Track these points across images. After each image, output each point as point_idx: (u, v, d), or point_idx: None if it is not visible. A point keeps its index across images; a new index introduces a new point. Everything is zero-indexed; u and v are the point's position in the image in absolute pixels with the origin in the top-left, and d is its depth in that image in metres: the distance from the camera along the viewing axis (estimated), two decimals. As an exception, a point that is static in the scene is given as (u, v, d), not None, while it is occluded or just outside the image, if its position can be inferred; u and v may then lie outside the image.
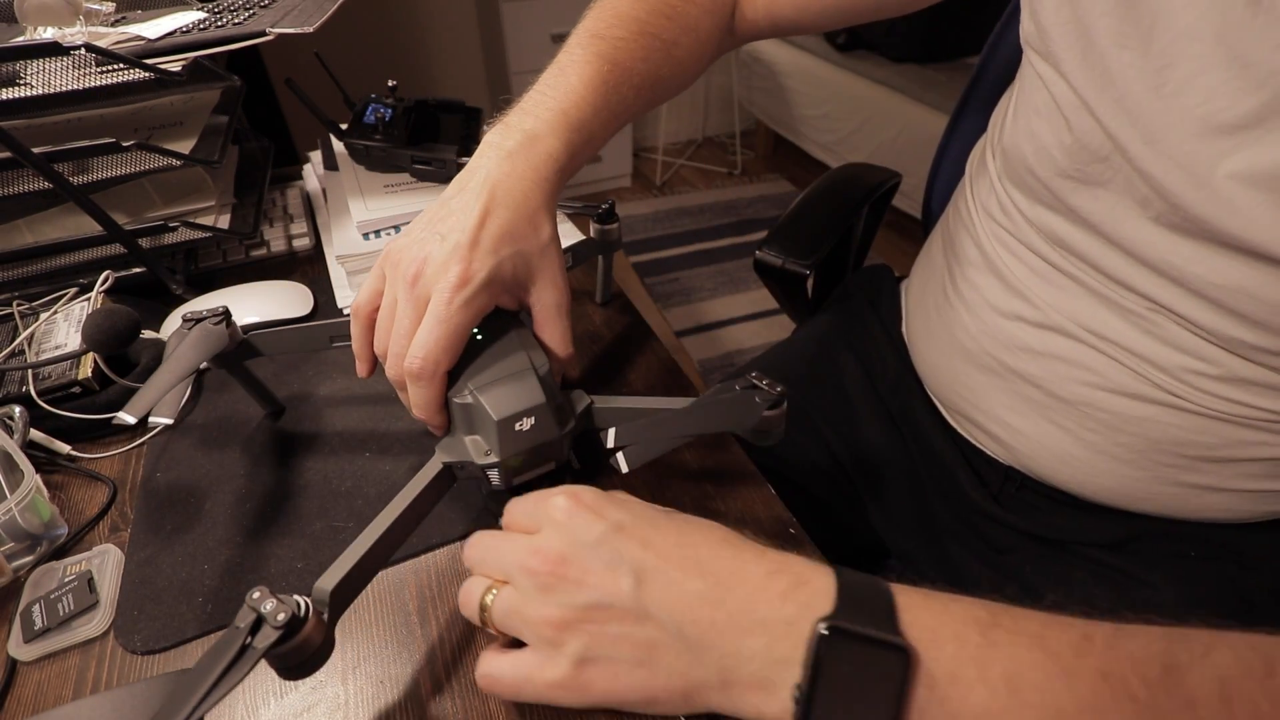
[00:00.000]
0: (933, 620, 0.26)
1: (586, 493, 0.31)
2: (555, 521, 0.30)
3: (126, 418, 0.35)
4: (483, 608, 0.30)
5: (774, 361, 0.70)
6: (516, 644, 0.30)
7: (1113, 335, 0.42)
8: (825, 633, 0.25)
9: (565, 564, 0.28)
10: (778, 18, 0.55)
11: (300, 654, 0.27)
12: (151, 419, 0.36)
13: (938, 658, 0.25)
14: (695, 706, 0.27)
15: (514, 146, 0.38)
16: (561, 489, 0.32)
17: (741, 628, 0.26)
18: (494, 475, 0.36)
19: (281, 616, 0.26)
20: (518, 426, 0.34)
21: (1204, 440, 0.42)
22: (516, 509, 0.33)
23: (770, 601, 0.27)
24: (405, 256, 0.36)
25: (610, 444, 0.34)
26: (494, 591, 0.30)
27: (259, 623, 0.26)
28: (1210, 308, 0.38)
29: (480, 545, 0.32)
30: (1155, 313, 0.40)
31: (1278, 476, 0.43)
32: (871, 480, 0.61)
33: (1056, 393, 0.46)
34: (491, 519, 0.40)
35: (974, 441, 0.54)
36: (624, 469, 0.34)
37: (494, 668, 0.29)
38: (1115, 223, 0.40)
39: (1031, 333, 0.46)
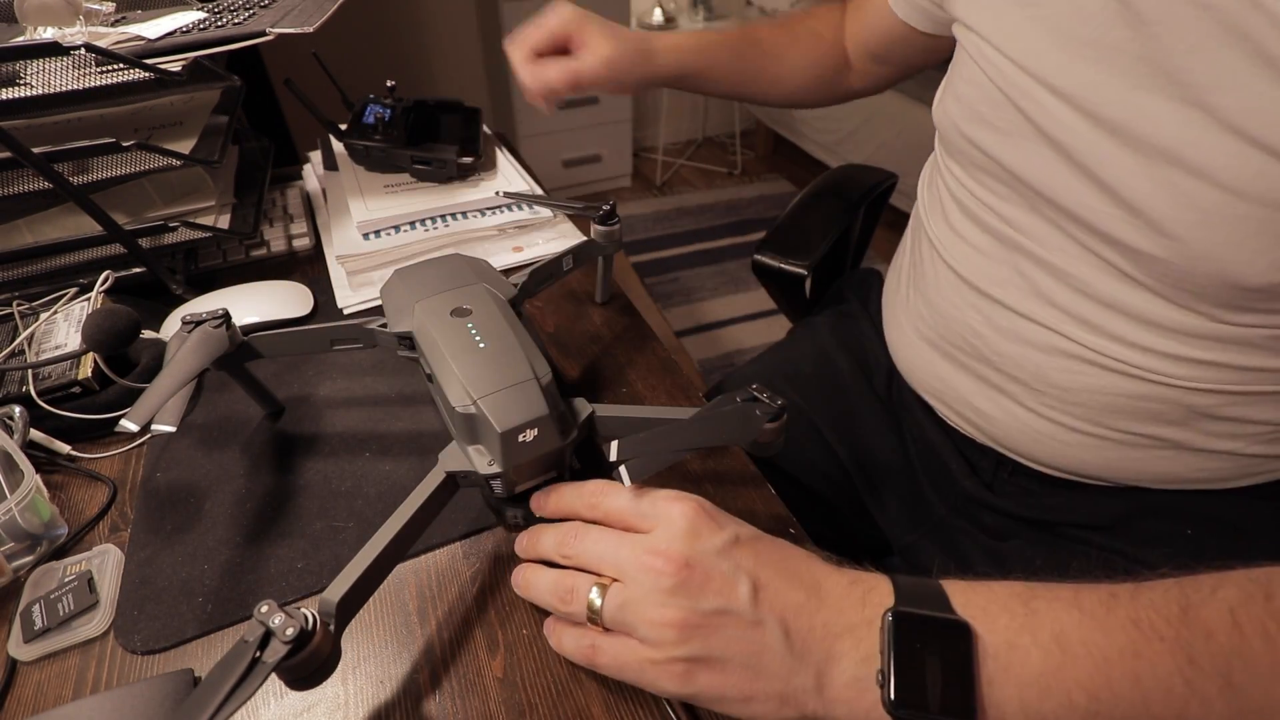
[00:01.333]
0: (982, 600, 0.29)
1: (706, 502, 0.32)
2: (676, 524, 0.31)
3: (129, 426, 0.34)
4: (590, 605, 0.30)
5: (771, 362, 0.70)
6: None
7: (1051, 299, 0.44)
8: (891, 619, 0.28)
9: (690, 568, 0.29)
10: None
11: (309, 666, 0.27)
12: (154, 428, 0.36)
13: (993, 629, 0.28)
14: (788, 712, 0.28)
15: None
16: (682, 495, 0.32)
17: (834, 633, 0.29)
18: (497, 484, 0.36)
19: (290, 631, 0.26)
20: (521, 438, 0.34)
21: (1152, 407, 0.43)
22: (622, 503, 0.33)
23: (854, 608, 0.29)
24: None
25: (613, 457, 0.34)
26: (598, 588, 0.31)
27: (268, 637, 0.26)
28: (1130, 255, 0.39)
29: (591, 539, 0.32)
30: (1087, 265, 0.42)
31: (1242, 437, 0.43)
32: (870, 476, 0.61)
33: (1008, 371, 0.48)
34: (496, 519, 0.40)
35: (961, 430, 0.55)
36: (627, 483, 0.34)
37: (601, 641, 0.30)
38: (1035, 173, 0.42)
39: (976, 314, 0.49)
